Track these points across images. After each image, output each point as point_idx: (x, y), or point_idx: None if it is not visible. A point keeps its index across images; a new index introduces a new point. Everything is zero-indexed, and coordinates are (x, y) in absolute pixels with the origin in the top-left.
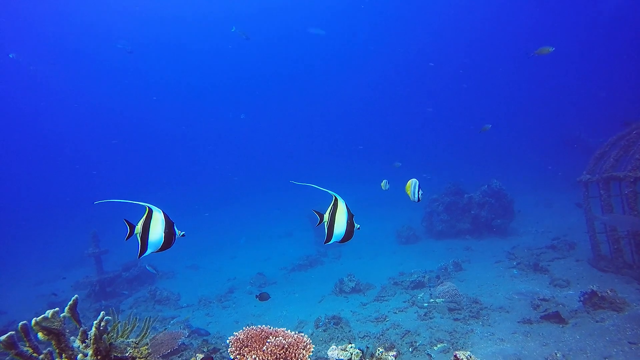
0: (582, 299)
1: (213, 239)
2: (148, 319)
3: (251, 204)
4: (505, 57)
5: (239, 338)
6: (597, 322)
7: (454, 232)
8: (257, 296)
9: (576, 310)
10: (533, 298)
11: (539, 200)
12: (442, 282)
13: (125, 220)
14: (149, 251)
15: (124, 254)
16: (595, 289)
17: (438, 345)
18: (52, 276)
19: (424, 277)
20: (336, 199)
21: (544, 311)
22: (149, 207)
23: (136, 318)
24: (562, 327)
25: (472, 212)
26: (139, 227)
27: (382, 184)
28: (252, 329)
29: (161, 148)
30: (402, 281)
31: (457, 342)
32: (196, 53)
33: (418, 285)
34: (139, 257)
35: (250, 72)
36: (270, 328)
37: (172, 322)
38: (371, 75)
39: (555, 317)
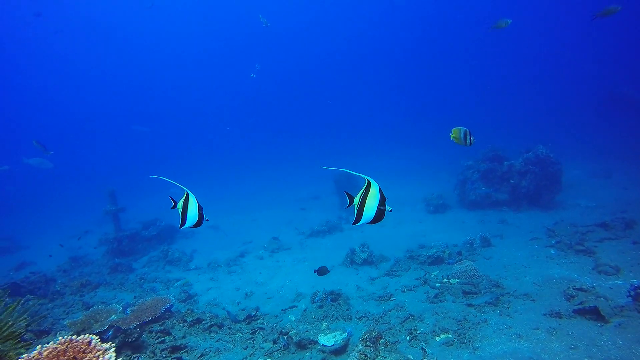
0: (632, 292)
1: (239, 201)
2: (15, 303)
3: (282, 168)
4: (544, 9)
5: (39, 357)
6: None
7: (489, 203)
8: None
9: (622, 306)
10: (568, 286)
11: (596, 170)
12: (460, 260)
13: (171, 197)
14: (187, 225)
15: (145, 213)
16: None
17: (441, 336)
18: (85, 231)
19: (444, 252)
20: (369, 183)
21: (579, 304)
22: (187, 191)
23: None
24: (601, 326)
25: (512, 181)
26: (180, 205)
27: (454, 134)
28: (67, 340)
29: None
30: (419, 255)
31: (464, 334)
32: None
33: (436, 260)
34: (180, 228)
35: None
36: (90, 341)
37: (175, 284)
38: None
39: (593, 313)
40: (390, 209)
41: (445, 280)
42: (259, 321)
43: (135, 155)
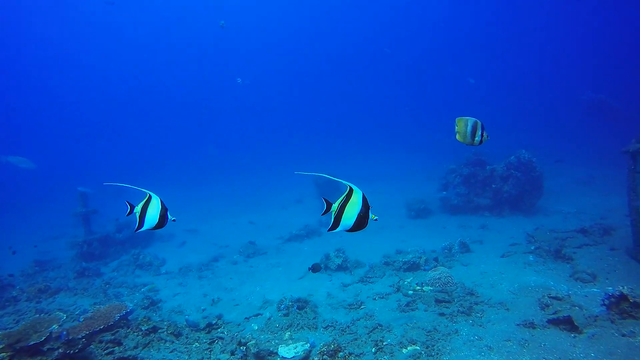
0: (606, 301)
1: (224, 204)
2: None
3: (265, 171)
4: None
5: None
6: (623, 335)
7: (471, 208)
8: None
9: (597, 316)
10: (543, 294)
11: (579, 176)
12: (436, 267)
13: (127, 201)
14: (144, 228)
15: (120, 216)
16: (626, 291)
17: (408, 348)
18: (59, 233)
19: (420, 258)
20: (351, 190)
21: (554, 313)
22: (149, 194)
23: None
24: (574, 337)
25: (494, 185)
26: (138, 208)
27: (459, 127)
28: None
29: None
30: (395, 261)
31: (433, 346)
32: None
33: (412, 267)
34: (135, 232)
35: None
36: None
37: (142, 289)
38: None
39: (567, 323)
40: (375, 218)
41: (418, 287)
42: (219, 330)
43: (125, 156)
